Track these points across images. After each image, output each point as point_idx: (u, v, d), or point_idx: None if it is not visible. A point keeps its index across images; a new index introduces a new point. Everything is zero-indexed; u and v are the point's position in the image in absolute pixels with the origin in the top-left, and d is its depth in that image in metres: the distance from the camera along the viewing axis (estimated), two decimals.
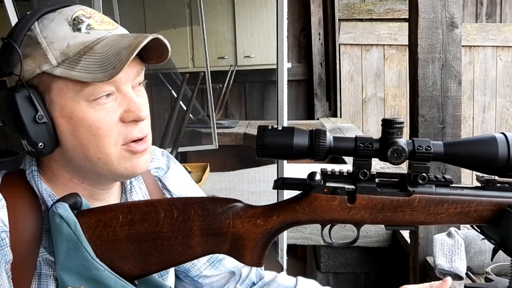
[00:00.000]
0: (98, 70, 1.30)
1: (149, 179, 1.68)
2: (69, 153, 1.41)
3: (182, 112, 5.50)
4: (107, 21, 1.43)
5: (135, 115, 1.37)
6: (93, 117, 1.35)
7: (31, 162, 1.47)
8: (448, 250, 2.67)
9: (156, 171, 1.70)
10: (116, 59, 1.29)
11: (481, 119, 8.61)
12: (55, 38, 1.35)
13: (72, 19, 1.38)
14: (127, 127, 1.39)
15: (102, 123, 1.36)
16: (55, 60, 1.33)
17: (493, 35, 8.52)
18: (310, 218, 1.29)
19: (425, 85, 2.83)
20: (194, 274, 1.73)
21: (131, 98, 1.38)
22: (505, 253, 1.26)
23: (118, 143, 1.39)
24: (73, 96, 1.34)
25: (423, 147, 1.23)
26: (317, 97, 8.57)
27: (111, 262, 1.28)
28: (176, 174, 1.73)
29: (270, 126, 1.26)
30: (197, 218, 1.30)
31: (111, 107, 1.37)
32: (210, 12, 7.61)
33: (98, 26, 1.39)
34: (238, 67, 8.04)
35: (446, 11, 2.80)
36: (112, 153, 1.39)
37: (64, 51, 1.34)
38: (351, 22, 8.58)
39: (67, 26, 1.37)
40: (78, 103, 1.35)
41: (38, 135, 1.35)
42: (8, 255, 1.35)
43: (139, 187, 1.63)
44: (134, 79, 1.41)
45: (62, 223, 1.25)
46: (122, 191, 1.60)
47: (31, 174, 1.45)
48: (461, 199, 1.26)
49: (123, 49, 1.30)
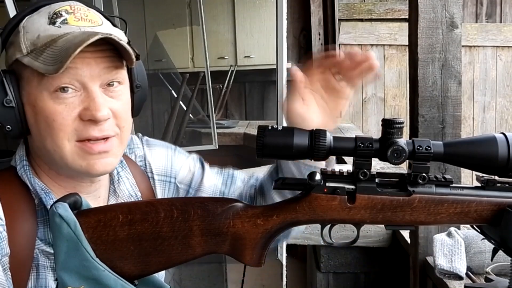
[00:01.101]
0: (51, 63, 1.34)
1: (136, 169, 1.70)
2: (35, 142, 1.48)
3: (182, 112, 5.52)
4: (90, 18, 1.45)
5: (91, 114, 1.39)
6: (51, 109, 1.39)
7: (22, 157, 1.52)
8: (448, 250, 2.67)
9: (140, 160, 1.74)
10: (65, 54, 1.31)
11: (481, 119, 8.61)
12: (30, 28, 1.41)
13: (54, 13, 1.42)
14: (85, 125, 1.41)
15: (58, 116, 1.39)
16: (25, 49, 1.39)
17: (493, 35, 8.51)
18: (310, 218, 1.29)
19: (425, 85, 2.83)
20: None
21: (93, 97, 1.40)
22: (505, 253, 1.25)
23: (73, 139, 1.41)
24: (37, 85, 1.39)
25: (423, 147, 1.23)
26: None
27: (111, 262, 1.28)
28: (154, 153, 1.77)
29: (270, 126, 1.26)
30: (197, 218, 1.30)
31: (72, 103, 1.39)
32: (210, 12, 7.61)
33: (73, 22, 1.42)
34: (238, 67, 8.05)
35: (446, 11, 2.80)
36: (65, 147, 1.42)
37: (34, 41, 1.39)
38: (351, 22, 8.58)
39: (45, 19, 1.42)
40: (40, 92, 1.39)
41: (5, 118, 1.42)
42: (5, 249, 1.39)
43: (126, 177, 1.66)
44: (103, 77, 1.42)
45: (62, 223, 1.25)
46: (110, 182, 1.63)
47: (22, 169, 1.50)
48: (461, 199, 1.25)
49: (73, 44, 1.32)
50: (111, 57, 1.41)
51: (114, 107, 1.44)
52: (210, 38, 6.99)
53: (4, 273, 1.38)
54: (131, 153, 1.74)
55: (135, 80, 1.55)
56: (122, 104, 1.48)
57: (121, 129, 1.47)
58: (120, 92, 1.47)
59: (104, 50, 1.40)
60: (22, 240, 1.41)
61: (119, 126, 1.46)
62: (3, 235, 1.39)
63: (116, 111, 1.45)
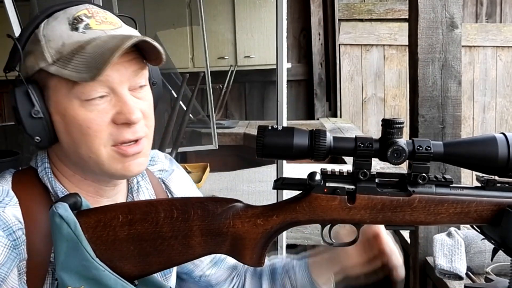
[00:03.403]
0: (84, 70, 1.31)
1: (154, 180, 1.69)
2: (65, 149, 1.45)
3: (182, 112, 5.50)
4: (110, 21, 1.44)
5: (126, 117, 1.38)
6: (84, 117, 1.37)
7: (44, 159, 1.50)
8: (448, 250, 2.67)
9: (160, 173, 1.72)
10: (100, 60, 1.30)
11: (481, 119, 8.62)
12: (52, 36, 1.38)
13: (73, 18, 1.40)
14: (118, 129, 1.40)
15: (92, 123, 1.38)
16: (50, 58, 1.36)
17: (493, 35, 8.52)
18: (310, 218, 1.29)
19: (425, 85, 2.83)
20: (197, 274, 1.75)
21: (125, 100, 1.39)
22: (505, 253, 1.25)
23: (108, 144, 1.40)
24: (67, 93, 1.37)
25: (423, 147, 1.23)
26: (317, 97, 8.57)
27: (111, 262, 1.28)
28: (179, 177, 1.75)
29: (270, 126, 1.26)
30: (197, 218, 1.30)
31: (104, 108, 1.38)
32: (210, 12, 7.61)
33: (96, 26, 1.40)
34: (238, 67, 8.05)
35: (446, 11, 2.80)
36: (102, 153, 1.40)
37: (59, 49, 1.36)
38: (351, 22, 8.59)
39: (66, 25, 1.39)
40: (70, 101, 1.37)
41: (34, 130, 1.39)
42: (23, 254, 1.38)
43: (145, 187, 1.64)
44: (131, 80, 1.41)
45: (62, 223, 1.25)
46: (129, 191, 1.62)
47: (44, 171, 1.48)
48: (461, 199, 1.25)
49: (108, 50, 1.31)
50: (136, 59, 1.40)
51: (142, 107, 1.44)
52: (210, 38, 7.00)
53: (20, 277, 1.37)
54: (153, 165, 1.74)
55: (151, 78, 1.54)
56: (148, 104, 1.47)
57: (149, 128, 1.47)
58: (145, 92, 1.47)
59: (130, 53, 1.38)
60: (39, 244, 1.40)
61: (147, 126, 1.46)
62: (22, 239, 1.37)
63: (144, 111, 1.44)
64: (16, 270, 1.36)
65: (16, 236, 1.36)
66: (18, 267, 1.36)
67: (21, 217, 1.39)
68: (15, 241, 1.36)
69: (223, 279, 1.79)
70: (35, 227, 1.39)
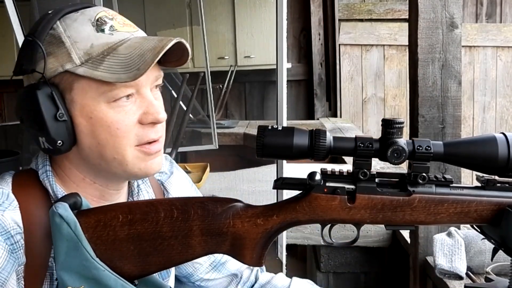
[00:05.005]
0: (122, 70, 1.32)
1: (153, 183, 1.69)
2: (85, 152, 1.43)
3: (182, 112, 5.51)
4: (129, 23, 1.46)
5: (154, 117, 1.40)
6: (113, 118, 1.37)
7: (45, 162, 1.49)
8: (448, 250, 2.67)
9: (160, 175, 1.72)
10: (141, 61, 1.31)
11: (481, 119, 8.62)
12: (78, 37, 1.37)
13: (96, 19, 1.40)
14: (144, 128, 1.41)
15: (121, 124, 1.38)
16: (78, 60, 1.35)
17: (493, 35, 8.52)
18: (310, 218, 1.29)
19: (425, 85, 2.83)
20: (197, 278, 1.74)
21: (150, 101, 1.40)
22: (505, 253, 1.26)
23: (133, 144, 1.41)
24: (95, 96, 1.37)
25: (423, 147, 1.23)
26: (317, 97, 8.57)
27: (111, 262, 1.28)
28: (178, 180, 1.75)
29: (270, 126, 1.26)
30: (197, 218, 1.30)
31: (130, 109, 1.39)
32: (210, 12, 7.62)
33: (120, 28, 1.41)
34: (238, 67, 8.05)
35: (446, 11, 2.80)
36: (127, 153, 1.41)
37: (88, 51, 1.36)
38: (351, 22, 8.59)
39: (90, 26, 1.39)
40: (98, 103, 1.37)
41: (58, 133, 1.38)
42: (22, 258, 1.37)
43: (146, 191, 1.64)
44: (153, 82, 1.44)
45: (62, 223, 1.25)
46: (129, 194, 1.61)
47: (45, 174, 1.47)
48: (461, 199, 1.26)
49: (148, 51, 1.32)
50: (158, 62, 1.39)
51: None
52: (210, 38, 7.00)
53: (18, 282, 1.36)
54: None
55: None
56: (162, 103, 1.48)
57: (164, 128, 1.48)
58: (159, 94, 1.49)
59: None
60: (39, 247, 1.39)
61: (163, 126, 1.48)
62: (20, 243, 1.36)
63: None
64: (15, 274, 1.36)
65: (14, 240, 1.35)
66: (16, 271, 1.36)
67: (20, 221, 1.38)
68: (13, 245, 1.35)
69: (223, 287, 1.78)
70: (35, 230, 1.39)
